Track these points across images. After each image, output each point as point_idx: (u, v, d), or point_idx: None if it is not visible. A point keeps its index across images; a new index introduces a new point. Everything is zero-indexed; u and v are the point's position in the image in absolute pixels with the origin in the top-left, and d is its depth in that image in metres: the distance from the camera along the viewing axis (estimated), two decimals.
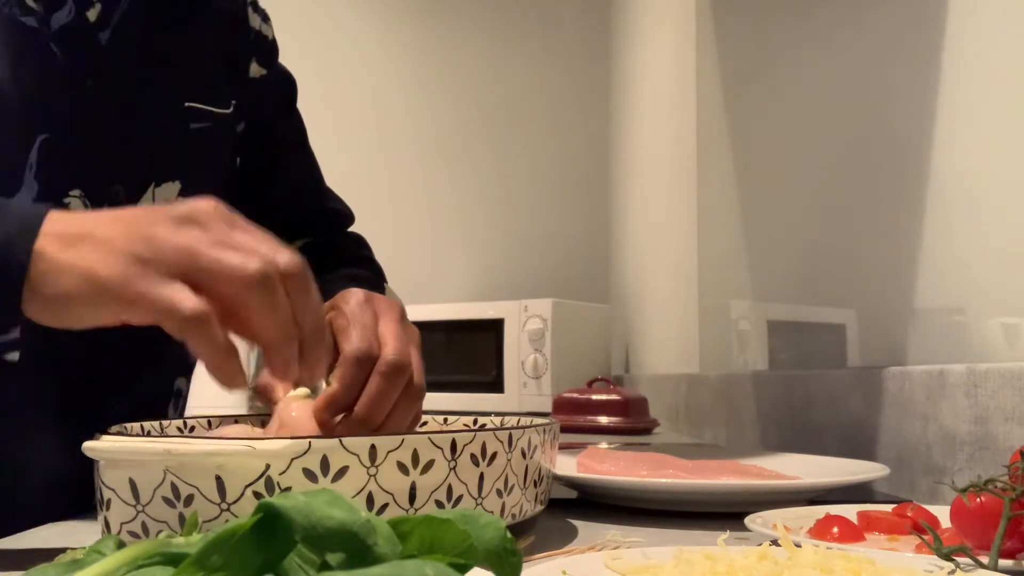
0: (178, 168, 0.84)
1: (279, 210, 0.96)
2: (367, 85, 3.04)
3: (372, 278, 0.95)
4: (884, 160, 1.07)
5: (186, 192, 0.84)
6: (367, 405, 0.65)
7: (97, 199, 0.79)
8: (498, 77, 3.14)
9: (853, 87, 1.15)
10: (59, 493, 0.77)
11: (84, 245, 0.54)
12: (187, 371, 0.93)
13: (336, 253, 0.98)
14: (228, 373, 0.53)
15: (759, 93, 1.54)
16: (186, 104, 0.85)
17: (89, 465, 0.56)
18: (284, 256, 0.54)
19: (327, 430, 0.65)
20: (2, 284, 0.54)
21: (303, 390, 0.68)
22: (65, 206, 0.76)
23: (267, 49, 0.97)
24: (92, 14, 0.78)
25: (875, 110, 1.09)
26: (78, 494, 0.77)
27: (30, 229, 0.54)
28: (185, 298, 0.51)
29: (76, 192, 0.78)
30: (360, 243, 1.04)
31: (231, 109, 0.90)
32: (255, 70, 0.95)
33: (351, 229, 1.05)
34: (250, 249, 0.54)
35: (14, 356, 0.75)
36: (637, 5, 2.68)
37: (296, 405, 0.66)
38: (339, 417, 0.66)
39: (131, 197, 0.81)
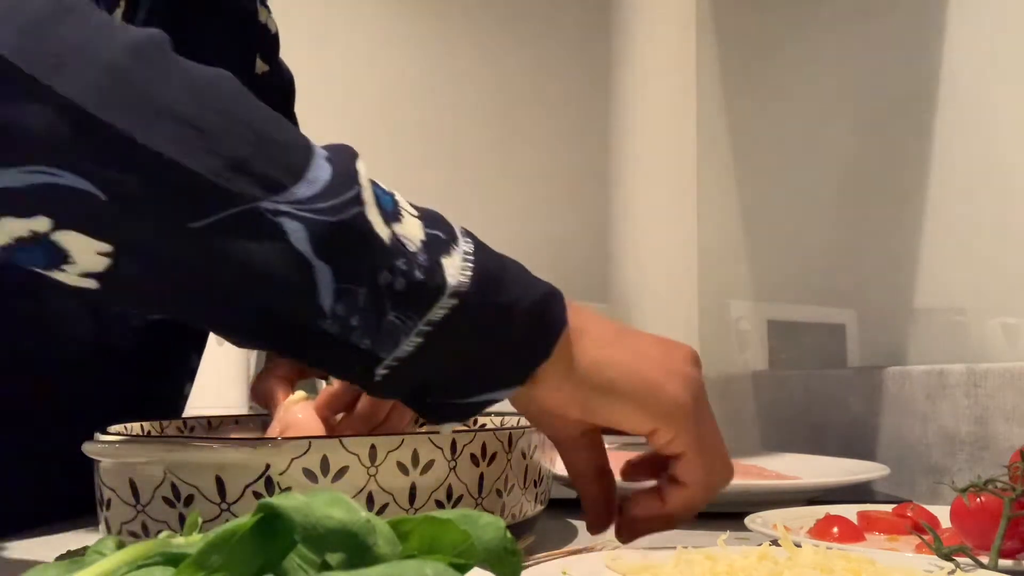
0: None
1: None
2: (364, 85, 3.04)
3: None
4: (884, 160, 1.07)
5: None
6: (369, 402, 0.65)
7: None
8: (497, 77, 3.14)
9: (854, 87, 1.15)
10: (65, 501, 0.77)
11: (622, 348, 0.54)
12: (192, 376, 0.93)
13: None
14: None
15: (760, 93, 1.54)
16: None
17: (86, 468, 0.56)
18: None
19: (329, 428, 0.65)
20: (533, 334, 0.50)
21: (301, 393, 0.68)
22: None
23: (270, 44, 0.95)
24: (116, 16, 0.77)
25: (875, 110, 1.09)
26: (84, 501, 0.77)
27: (557, 295, 0.53)
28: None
29: None
30: None
31: None
32: (259, 66, 0.93)
33: None
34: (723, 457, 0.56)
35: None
36: (637, 5, 2.68)
37: (300, 407, 0.66)
38: (340, 415, 0.66)
39: None
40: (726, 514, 0.68)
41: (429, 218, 0.50)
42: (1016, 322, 0.82)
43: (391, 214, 0.47)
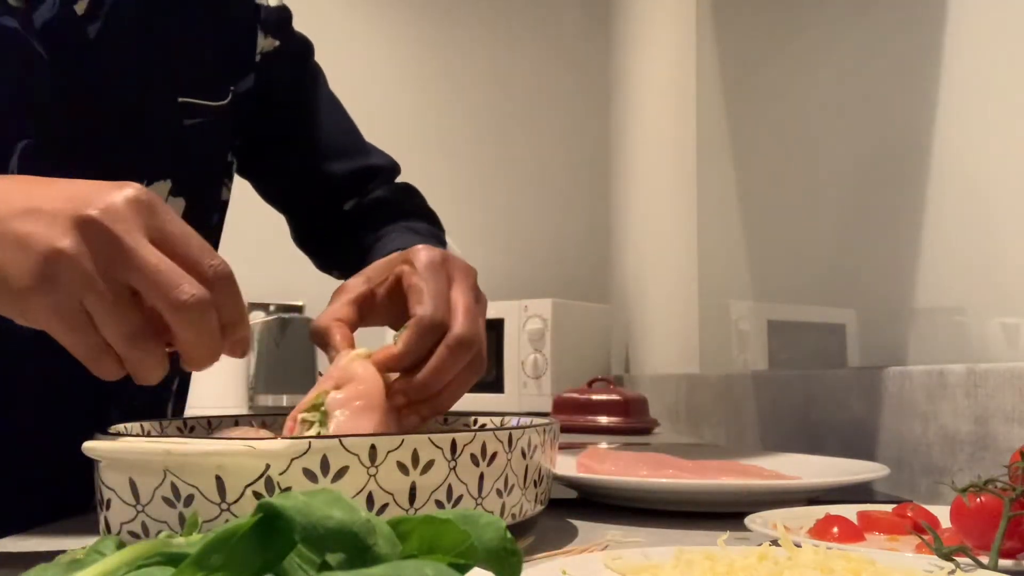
0: (170, 166, 0.82)
1: (314, 177, 0.96)
2: (366, 86, 3.04)
3: (433, 231, 0.93)
4: (884, 160, 1.07)
5: (178, 190, 0.83)
6: (430, 374, 0.64)
7: None
8: (498, 77, 3.14)
9: (853, 87, 1.15)
10: (56, 497, 0.77)
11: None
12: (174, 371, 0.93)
13: (392, 207, 0.96)
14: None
15: (759, 93, 1.54)
16: (180, 100, 0.83)
17: (85, 469, 0.56)
18: (212, 265, 0.54)
19: (387, 387, 0.64)
20: None
21: (364, 350, 0.66)
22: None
23: (275, 19, 0.94)
24: (80, 6, 0.76)
25: (875, 110, 1.09)
26: (76, 498, 0.77)
27: None
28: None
29: None
30: (411, 192, 1.01)
31: (228, 99, 0.88)
32: (267, 44, 0.92)
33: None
34: (182, 260, 0.53)
35: None
36: (637, 5, 2.68)
37: (360, 364, 0.64)
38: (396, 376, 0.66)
39: None
40: (726, 514, 0.68)
41: None
42: (1016, 322, 0.82)
43: None
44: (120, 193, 0.52)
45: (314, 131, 0.97)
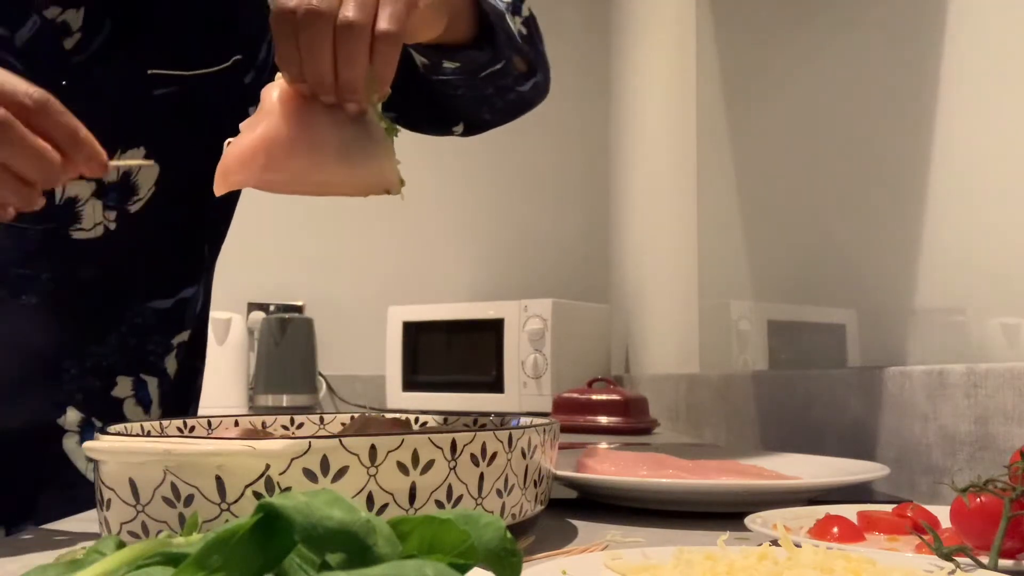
0: (142, 135, 0.84)
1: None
2: None
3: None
4: (884, 159, 1.07)
5: (153, 156, 0.84)
6: (302, 53, 0.60)
7: None
8: None
9: (853, 86, 1.15)
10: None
11: None
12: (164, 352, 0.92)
13: None
14: None
15: (759, 93, 1.54)
16: (149, 72, 0.84)
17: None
18: (28, 94, 0.56)
19: (290, 99, 0.63)
20: None
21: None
22: None
23: None
24: (69, 43, 0.77)
25: (875, 109, 1.09)
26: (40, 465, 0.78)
27: None
28: None
29: None
30: None
31: (218, 67, 0.88)
32: None
33: None
34: None
35: None
36: (638, 5, 2.68)
37: (275, 84, 0.64)
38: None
39: None
40: (726, 514, 0.68)
41: None
42: (1016, 322, 0.82)
43: None
44: None
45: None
